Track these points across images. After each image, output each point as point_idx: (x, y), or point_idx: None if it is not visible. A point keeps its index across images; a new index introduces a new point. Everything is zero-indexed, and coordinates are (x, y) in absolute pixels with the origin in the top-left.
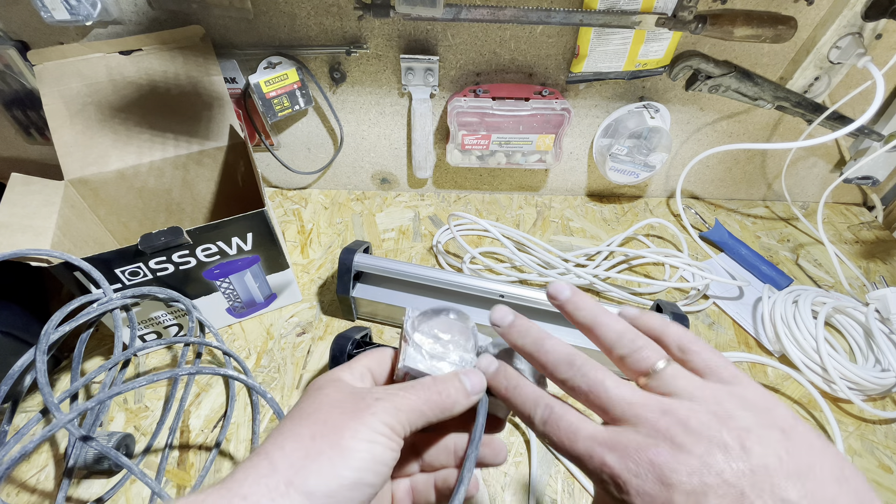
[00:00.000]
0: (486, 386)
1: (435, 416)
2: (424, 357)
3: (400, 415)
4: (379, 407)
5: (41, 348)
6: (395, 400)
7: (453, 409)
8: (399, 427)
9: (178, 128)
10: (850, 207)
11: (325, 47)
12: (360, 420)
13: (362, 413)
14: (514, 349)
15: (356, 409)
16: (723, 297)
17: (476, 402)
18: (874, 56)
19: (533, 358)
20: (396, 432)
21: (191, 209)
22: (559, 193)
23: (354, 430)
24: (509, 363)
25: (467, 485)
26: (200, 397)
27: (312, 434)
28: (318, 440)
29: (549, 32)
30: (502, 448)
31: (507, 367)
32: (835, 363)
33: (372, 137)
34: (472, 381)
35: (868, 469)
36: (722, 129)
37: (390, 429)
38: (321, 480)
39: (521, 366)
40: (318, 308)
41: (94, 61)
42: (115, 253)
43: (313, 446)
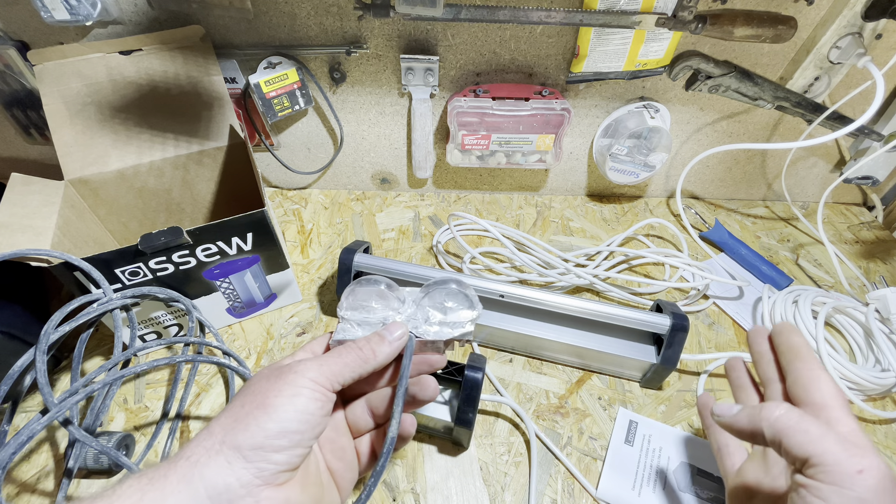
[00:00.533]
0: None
1: (360, 367)
2: (353, 327)
3: (323, 368)
4: (301, 367)
5: (41, 348)
6: (319, 359)
7: (377, 359)
8: (323, 380)
9: (178, 128)
10: (850, 207)
11: (325, 47)
12: (283, 380)
13: (286, 375)
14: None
15: (281, 374)
16: (723, 297)
17: (400, 347)
18: (874, 56)
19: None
20: (321, 384)
21: (191, 209)
22: (559, 193)
23: (278, 389)
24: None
25: (399, 417)
26: (200, 397)
27: (242, 403)
28: (246, 406)
29: (549, 32)
30: (430, 384)
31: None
32: (835, 363)
33: (372, 137)
34: (391, 329)
35: None
36: (722, 129)
37: (313, 381)
38: (247, 435)
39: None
40: (318, 308)
41: (94, 61)
42: (115, 253)
43: (241, 411)
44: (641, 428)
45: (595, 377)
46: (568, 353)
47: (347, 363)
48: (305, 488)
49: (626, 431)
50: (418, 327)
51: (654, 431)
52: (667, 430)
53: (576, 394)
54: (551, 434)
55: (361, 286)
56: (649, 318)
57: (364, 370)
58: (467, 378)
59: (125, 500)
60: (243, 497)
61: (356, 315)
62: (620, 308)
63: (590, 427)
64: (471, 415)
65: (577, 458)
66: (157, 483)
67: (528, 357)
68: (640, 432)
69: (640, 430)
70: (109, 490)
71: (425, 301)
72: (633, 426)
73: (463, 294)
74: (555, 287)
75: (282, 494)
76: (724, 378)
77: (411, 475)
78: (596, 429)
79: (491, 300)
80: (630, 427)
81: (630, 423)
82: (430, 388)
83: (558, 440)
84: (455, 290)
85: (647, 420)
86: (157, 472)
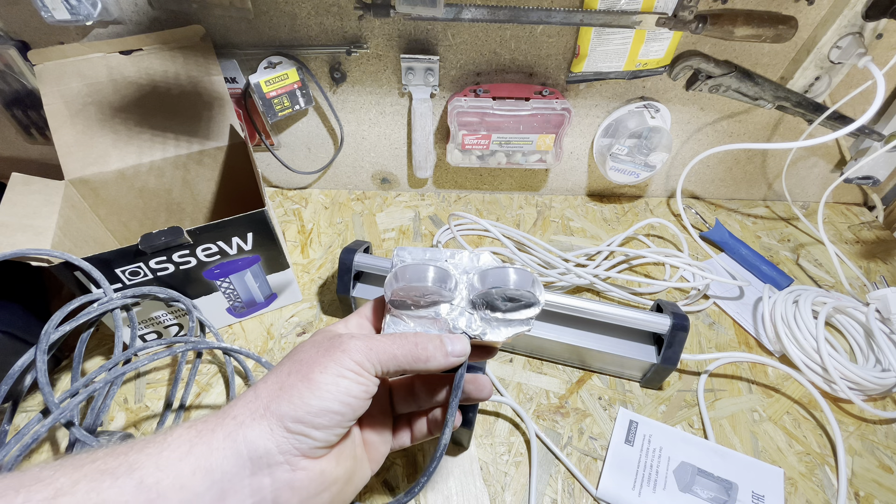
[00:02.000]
0: (468, 351)
1: (409, 363)
2: (405, 321)
3: (371, 354)
4: (352, 345)
5: (41, 348)
6: (370, 342)
7: (428, 363)
8: (369, 365)
9: (179, 128)
10: (850, 207)
11: (325, 47)
12: (330, 357)
13: (334, 351)
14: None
15: (331, 347)
16: (723, 296)
17: (456, 363)
18: (875, 56)
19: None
20: (366, 369)
21: (191, 209)
22: (559, 193)
23: (324, 365)
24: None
25: (451, 425)
26: (201, 397)
27: (289, 371)
28: (292, 375)
29: (550, 32)
30: (486, 384)
31: None
32: (835, 363)
33: (372, 137)
34: (453, 343)
35: (868, 469)
36: (722, 128)
37: (359, 365)
38: (291, 407)
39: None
40: (319, 308)
41: (95, 61)
42: (115, 253)
43: (287, 380)
44: (642, 428)
45: (595, 377)
46: (568, 353)
47: (397, 356)
48: (340, 462)
49: (626, 431)
50: (472, 325)
51: (654, 431)
52: (667, 430)
53: (576, 394)
54: (551, 434)
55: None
56: (649, 317)
57: (412, 369)
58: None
59: (174, 449)
60: (281, 464)
61: (408, 315)
62: (621, 308)
63: (590, 427)
64: (471, 415)
65: (577, 458)
66: (204, 437)
67: (528, 357)
68: (641, 432)
69: (641, 430)
70: (161, 436)
71: (481, 298)
72: (634, 426)
73: (526, 292)
74: (555, 287)
75: (318, 466)
76: (725, 378)
77: (411, 475)
78: (596, 429)
79: None
80: (630, 427)
81: (630, 423)
82: (486, 388)
83: (558, 440)
84: (516, 286)
85: (647, 420)
86: (205, 425)
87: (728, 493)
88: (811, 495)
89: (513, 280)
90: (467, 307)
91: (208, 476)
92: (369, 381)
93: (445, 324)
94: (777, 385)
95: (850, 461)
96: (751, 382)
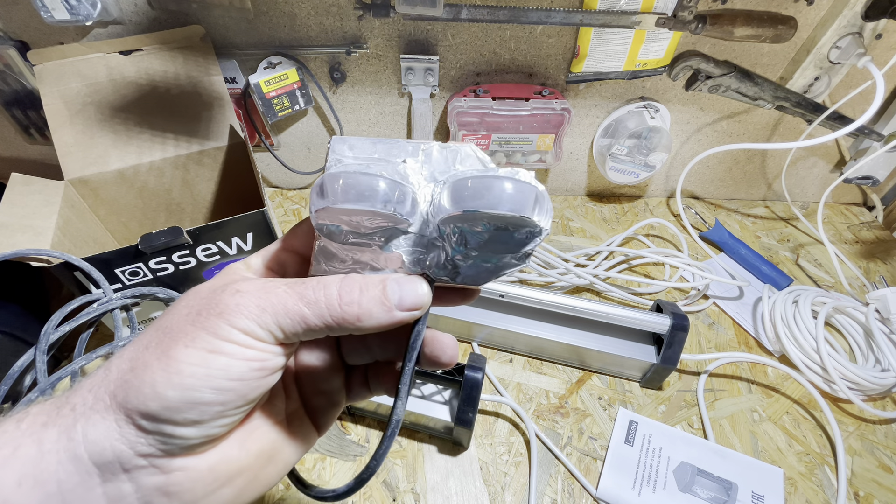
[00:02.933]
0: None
1: (328, 323)
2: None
3: (265, 316)
4: (234, 303)
5: (41, 348)
6: (266, 295)
7: (360, 322)
8: (260, 330)
9: (178, 128)
10: (850, 207)
11: (325, 47)
12: (201, 324)
13: (209, 314)
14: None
15: (206, 307)
16: (723, 297)
17: (407, 320)
18: (874, 56)
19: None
20: (256, 337)
21: (191, 209)
22: (559, 193)
23: (192, 336)
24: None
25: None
26: None
27: (148, 342)
28: (150, 349)
29: (549, 32)
30: (449, 343)
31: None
32: (835, 363)
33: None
34: (405, 293)
35: (868, 469)
36: (722, 129)
37: (245, 332)
38: (139, 398)
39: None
40: None
41: (94, 61)
42: (115, 253)
43: (141, 356)
44: (641, 428)
45: (595, 377)
46: (568, 353)
47: (305, 317)
48: (247, 445)
49: (626, 431)
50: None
51: (654, 431)
52: (667, 430)
53: (576, 394)
54: (551, 434)
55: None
56: (649, 318)
57: (338, 328)
58: (467, 378)
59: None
60: (144, 467)
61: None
62: (620, 308)
63: (590, 427)
64: (471, 415)
65: (577, 458)
66: (34, 435)
67: (528, 357)
68: (640, 432)
69: (640, 430)
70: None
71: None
72: (633, 426)
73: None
74: (555, 287)
75: (205, 461)
76: (724, 378)
77: (411, 475)
78: (596, 429)
79: (491, 300)
80: (630, 427)
81: (630, 423)
82: (449, 348)
83: (558, 440)
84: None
85: (647, 420)
86: (37, 418)
87: (728, 493)
88: (811, 495)
89: (505, 198)
90: (432, 233)
91: (39, 488)
92: (263, 353)
93: (398, 259)
94: (777, 385)
95: (849, 461)
96: (750, 382)
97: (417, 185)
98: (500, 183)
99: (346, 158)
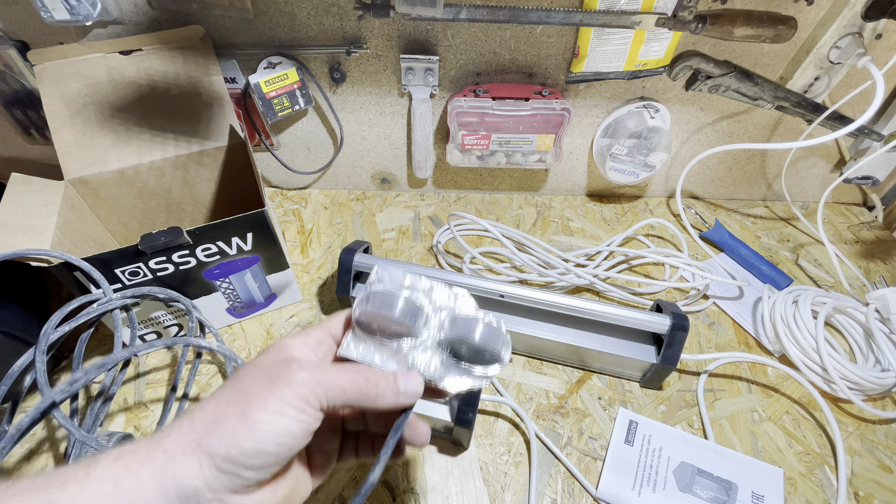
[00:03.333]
0: (420, 393)
1: (357, 400)
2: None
3: (318, 388)
4: (297, 378)
5: (41, 348)
6: (319, 374)
7: (377, 401)
8: (314, 400)
9: (178, 128)
10: (850, 207)
11: (325, 47)
12: (272, 390)
13: (278, 384)
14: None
15: (275, 377)
16: (723, 297)
17: (407, 404)
18: (874, 56)
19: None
20: (310, 404)
21: (191, 209)
22: (559, 193)
23: (264, 400)
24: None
25: (384, 463)
26: (201, 397)
27: (228, 400)
28: (231, 406)
29: (549, 32)
30: (423, 431)
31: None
32: (835, 363)
33: (372, 137)
34: (407, 381)
35: (868, 469)
36: (722, 129)
37: (303, 401)
38: (223, 445)
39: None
40: (318, 308)
41: (94, 61)
42: (115, 253)
43: (224, 412)
44: (641, 428)
45: (595, 377)
46: (568, 353)
47: (346, 390)
48: (277, 490)
49: (626, 431)
50: (431, 366)
51: (654, 431)
52: (667, 430)
53: (576, 394)
54: (551, 434)
55: (378, 306)
56: (649, 318)
57: (360, 405)
58: None
59: (98, 486)
60: (210, 501)
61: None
62: (620, 308)
63: (590, 427)
64: (471, 415)
65: (577, 458)
66: (132, 472)
67: (527, 357)
68: (640, 432)
69: (640, 430)
70: (84, 468)
71: (447, 342)
72: (633, 426)
73: (491, 350)
74: (555, 287)
75: (251, 500)
76: (724, 378)
77: (411, 475)
78: (596, 429)
79: (491, 300)
80: (630, 427)
81: (630, 423)
82: (422, 436)
83: (558, 440)
84: (482, 342)
85: (647, 420)
86: (133, 458)
87: (728, 493)
88: (811, 495)
89: (479, 334)
90: (433, 345)
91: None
92: (311, 418)
93: (405, 359)
94: (777, 385)
95: (849, 461)
96: (750, 382)
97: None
98: (480, 325)
99: (384, 279)
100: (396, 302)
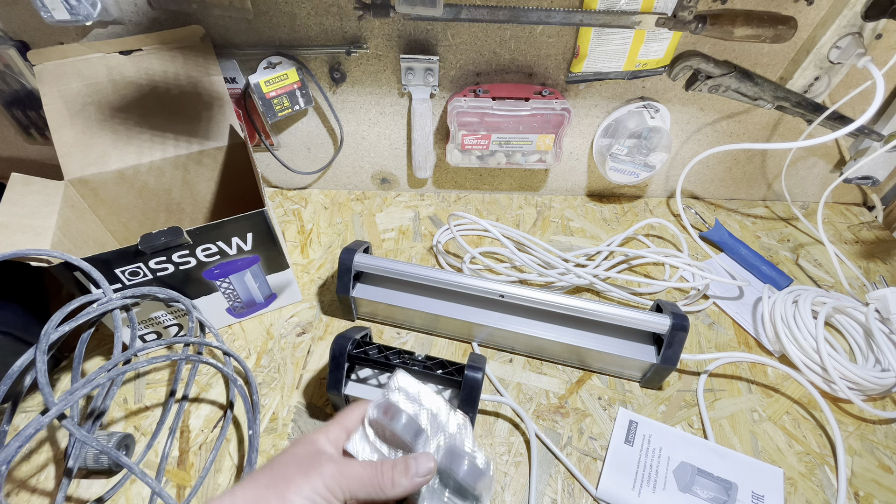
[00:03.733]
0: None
1: (374, 491)
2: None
3: (342, 480)
4: (326, 470)
5: (41, 348)
6: (344, 467)
7: (395, 489)
8: (339, 491)
9: (178, 128)
10: (850, 207)
11: (325, 47)
12: (306, 478)
13: (311, 472)
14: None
15: (309, 467)
16: (723, 297)
17: (421, 484)
18: (874, 56)
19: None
20: (335, 495)
21: (191, 209)
22: (559, 193)
23: (299, 486)
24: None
25: None
26: (201, 397)
27: (267, 483)
28: (269, 488)
29: (549, 32)
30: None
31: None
32: (835, 363)
33: (372, 137)
34: (420, 463)
35: (868, 469)
36: (722, 129)
37: (330, 491)
38: None
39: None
40: (318, 308)
41: (94, 61)
42: (115, 253)
43: (263, 493)
44: (641, 428)
45: (595, 377)
46: (568, 353)
47: (365, 483)
48: None
49: (626, 431)
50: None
51: (654, 431)
52: (667, 430)
53: (576, 394)
54: (551, 434)
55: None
56: (649, 318)
57: (376, 497)
58: (467, 378)
59: None
60: None
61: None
62: (620, 308)
63: (590, 427)
64: (471, 415)
65: (577, 458)
66: None
67: (528, 357)
68: (640, 432)
69: (640, 430)
70: None
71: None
72: (633, 426)
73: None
74: (555, 287)
75: None
76: (723, 378)
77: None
78: (596, 429)
79: (491, 300)
80: (630, 427)
81: (630, 423)
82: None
83: (558, 440)
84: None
85: (647, 420)
86: None
87: (728, 493)
88: (811, 495)
89: (462, 471)
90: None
91: None
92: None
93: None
94: (777, 385)
95: (849, 461)
96: (750, 382)
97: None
98: (465, 462)
99: (401, 386)
100: (406, 424)
